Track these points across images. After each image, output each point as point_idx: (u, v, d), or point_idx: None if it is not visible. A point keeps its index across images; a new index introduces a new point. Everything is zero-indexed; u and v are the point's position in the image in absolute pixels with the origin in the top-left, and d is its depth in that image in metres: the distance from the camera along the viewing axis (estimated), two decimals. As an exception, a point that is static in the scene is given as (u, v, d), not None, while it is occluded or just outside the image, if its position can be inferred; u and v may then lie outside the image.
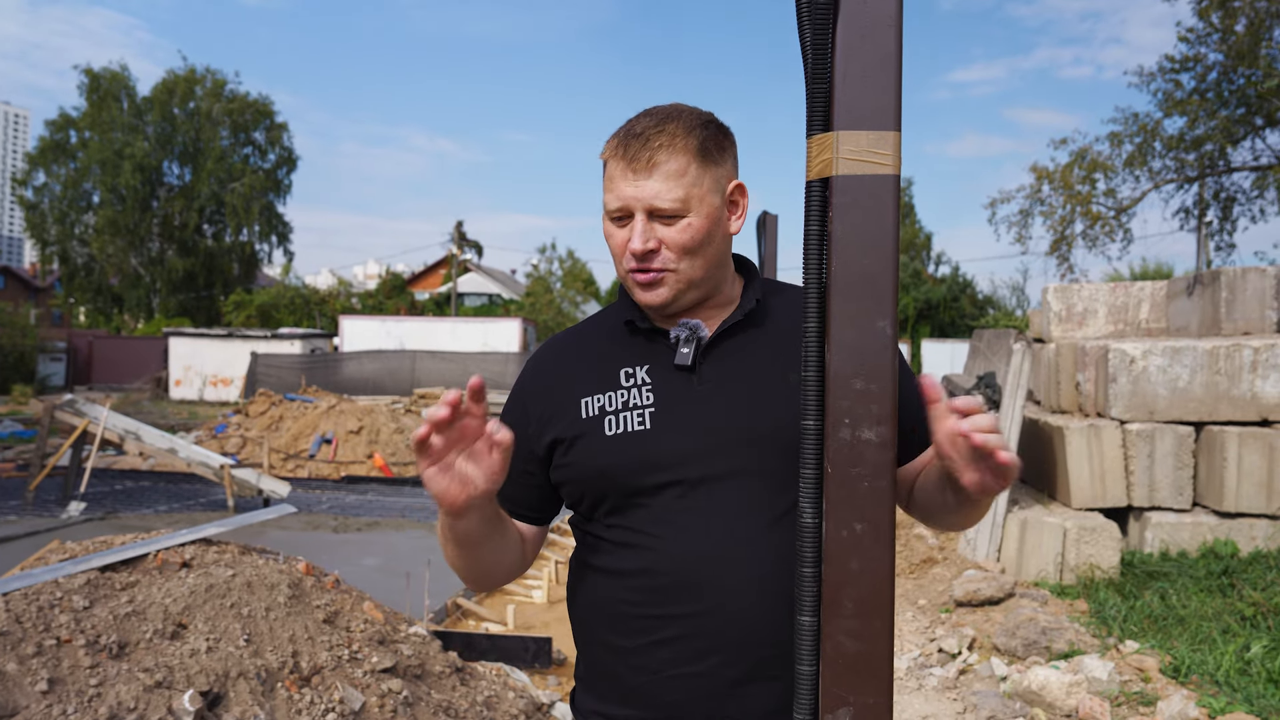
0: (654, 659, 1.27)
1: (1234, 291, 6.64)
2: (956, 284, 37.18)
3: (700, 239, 1.27)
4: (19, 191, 41.94)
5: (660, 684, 1.27)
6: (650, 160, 1.24)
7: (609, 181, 1.28)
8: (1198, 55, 19.57)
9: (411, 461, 13.46)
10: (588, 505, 1.35)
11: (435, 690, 3.68)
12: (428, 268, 51.03)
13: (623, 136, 1.28)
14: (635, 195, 1.25)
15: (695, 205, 1.26)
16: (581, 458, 1.32)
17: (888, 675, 0.99)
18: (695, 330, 1.32)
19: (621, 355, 1.36)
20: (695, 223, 1.26)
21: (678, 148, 1.25)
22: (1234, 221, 21.59)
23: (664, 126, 1.26)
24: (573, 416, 1.33)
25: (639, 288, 1.30)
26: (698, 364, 1.31)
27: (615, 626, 1.31)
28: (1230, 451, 5.73)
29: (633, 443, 1.29)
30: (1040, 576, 5.69)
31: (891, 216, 1.00)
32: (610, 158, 1.29)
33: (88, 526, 8.76)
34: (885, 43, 0.99)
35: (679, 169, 1.24)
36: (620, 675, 1.31)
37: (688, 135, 1.26)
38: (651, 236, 1.26)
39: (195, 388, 28.29)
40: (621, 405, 1.31)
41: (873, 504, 1.00)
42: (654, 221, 1.26)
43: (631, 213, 1.26)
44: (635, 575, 1.29)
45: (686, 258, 1.27)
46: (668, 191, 1.24)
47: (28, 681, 2.73)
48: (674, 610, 1.26)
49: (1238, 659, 4.24)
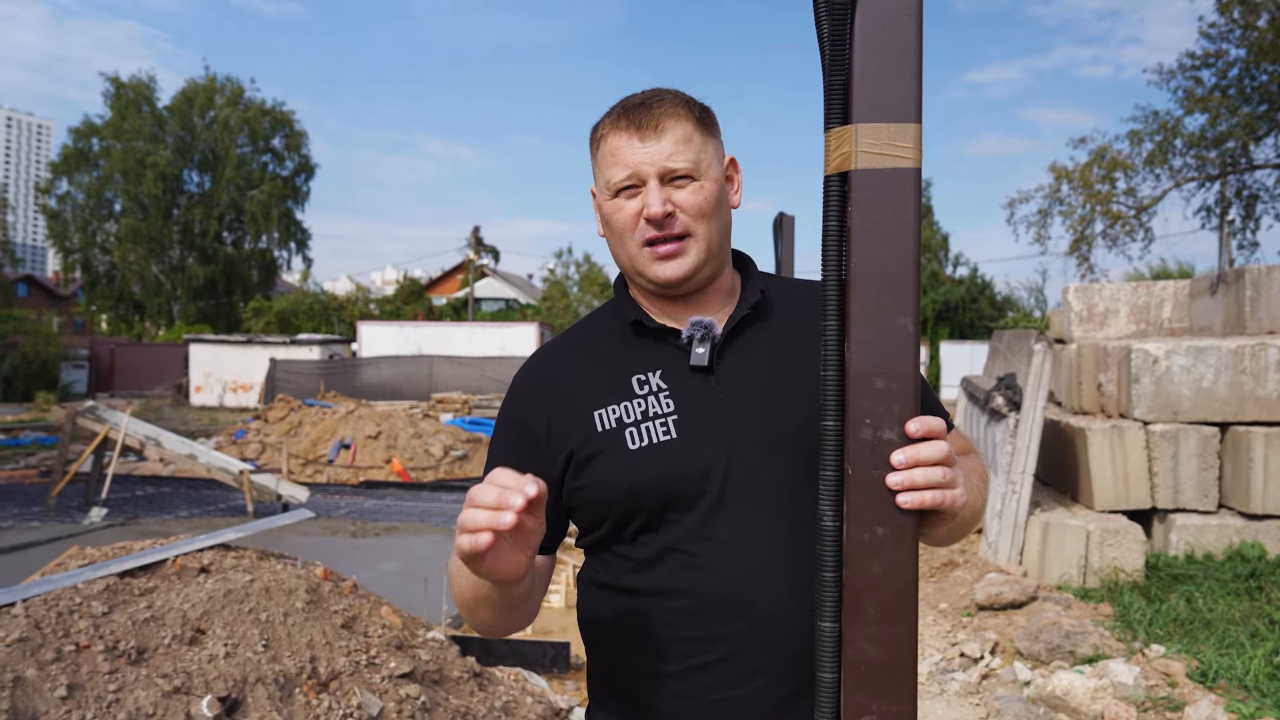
0: (697, 684, 1.19)
1: (1259, 290, 6.54)
2: (975, 285, 36.95)
3: (713, 202, 1.24)
4: (42, 200, 42.44)
5: (703, 710, 1.19)
6: (658, 125, 1.22)
7: (610, 156, 1.24)
8: (1219, 51, 19.38)
9: (429, 467, 13.49)
10: (612, 525, 1.24)
11: (453, 695, 3.66)
12: (445, 273, 51.21)
13: (622, 110, 1.25)
14: (647, 159, 1.21)
15: (705, 169, 1.23)
16: (602, 476, 1.22)
17: (912, 682, 0.97)
18: (709, 329, 1.25)
19: (629, 361, 1.28)
20: (707, 185, 1.23)
21: (680, 115, 1.23)
22: (1257, 220, 21.35)
23: (663, 97, 1.25)
24: (586, 432, 1.24)
25: (657, 262, 1.24)
26: (714, 364, 1.25)
27: (651, 651, 1.21)
28: (1256, 452, 5.64)
29: (661, 455, 1.20)
30: (1063, 580, 5.62)
31: (913, 211, 0.97)
32: (610, 132, 1.25)
33: (109, 532, 8.83)
34: (905, 33, 0.96)
35: (685, 134, 1.23)
36: (656, 704, 1.21)
37: (686, 106, 1.25)
38: (667, 199, 1.21)
39: (215, 394, 28.51)
40: (641, 415, 1.23)
41: (895, 506, 0.98)
42: (667, 186, 1.22)
43: (643, 180, 1.22)
44: (673, 595, 1.20)
45: (703, 220, 1.23)
46: (679, 153, 1.22)
47: (47, 687, 2.73)
48: (720, 630, 1.18)
49: (1266, 663, 4.17)
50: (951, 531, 1.19)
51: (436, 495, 11.88)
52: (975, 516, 1.23)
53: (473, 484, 12.90)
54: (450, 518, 10.04)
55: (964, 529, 1.21)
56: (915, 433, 0.97)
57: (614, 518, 1.23)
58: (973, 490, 1.18)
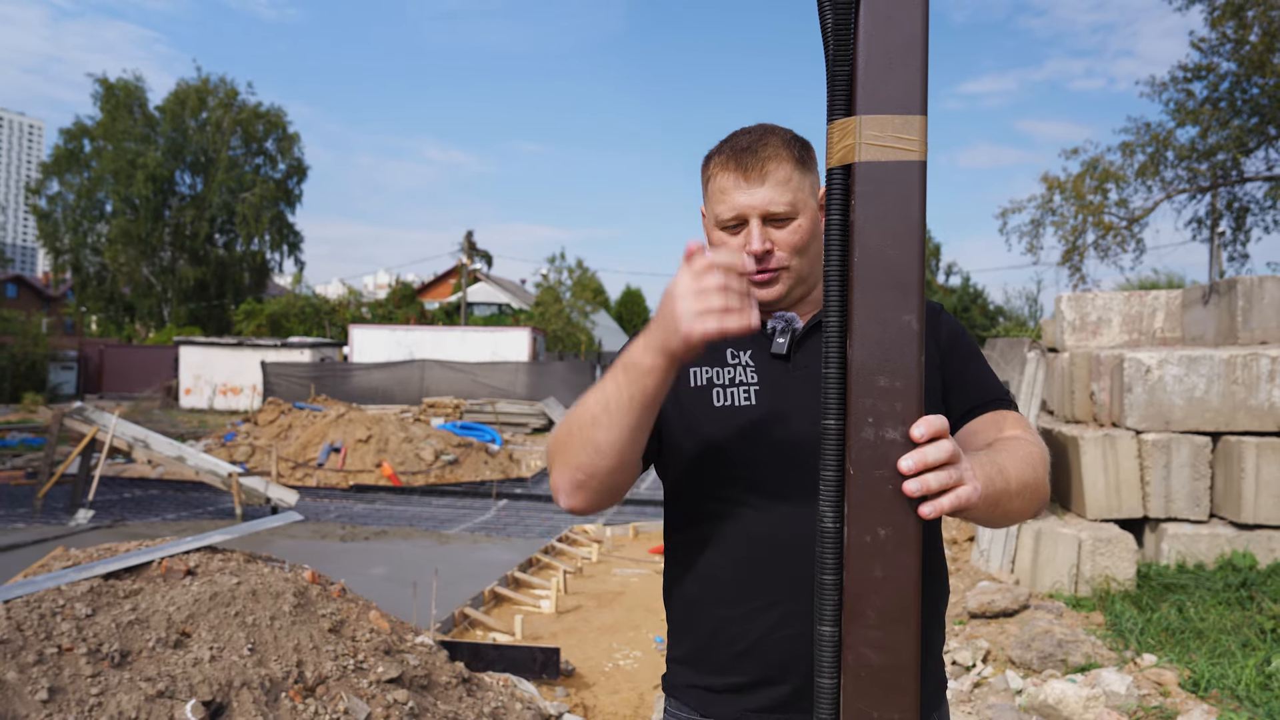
0: (758, 624, 1.34)
1: (1251, 300, 6.55)
2: (968, 294, 37.06)
3: (808, 238, 1.39)
4: (32, 200, 42.21)
5: (765, 647, 1.34)
6: (762, 170, 1.36)
7: (720, 194, 1.39)
8: (1210, 64, 19.49)
9: (419, 471, 13.42)
10: (684, 472, 1.42)
11: (441, 701, 3.62)
12: (438, 277, 51.12)
13: (730, 151, 1.39)
14: (750, 203, 1.36)
15: (801, 208, 1.38)
16: (688, 422, 1.41)
17: (914, 688, 0.94)
18: (790, 322, 1.43)
19: (726, 339, 1.40)
20: (803, 224, 1.38)
21: (783, 158, 1.37)
22: (1247, 232, 21.48)
23: (767, 140, 1.38)
24: (683, 382, 1.42)
25: (754, 288, 1.35)
26: (792, 353, 1.41)
27: (719, 595, 1.37)
28: (1248, 462, 5.64)
29: (738, 416, 1.38)
30: (1055, 588, 5.61)
31: (918, 205, 0.95)
32: (719, 171, 1.40)
33: (95, 534, 8.75)
34: (911, 23, 0.94)
35: (786, 177, 1.37)
36: (723, 642, 1.37)
37: (788, 147, 1.39)
38: (767, 239, 1.37)
39: (205, 396, 28.36)
40: (729, 380, 1.41)
41: (897, 507, 0.95)
42: (767, 225, 1.38)
43: (745, 220, 1.38)
44: (737, 543, 1.36)
45: (797, 256, 1.39)
46: (780, 197, 1.36)
47: (28, 690, 2.69)
48: (778, 578, 1.32)
49: (1258, 673, 4.15)
50: (993, 516, 1.24)
51: (427, 500, 11.82)
52: (1024, 490, 1.25)
53: (464, 488, 12.69)
54: (441, 522, 9.99)
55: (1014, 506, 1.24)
56: (921, 437, 0.97)
57: (685, 464, 1.42)
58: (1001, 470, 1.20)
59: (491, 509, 10.99)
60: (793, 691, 1.33)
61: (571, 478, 1.31)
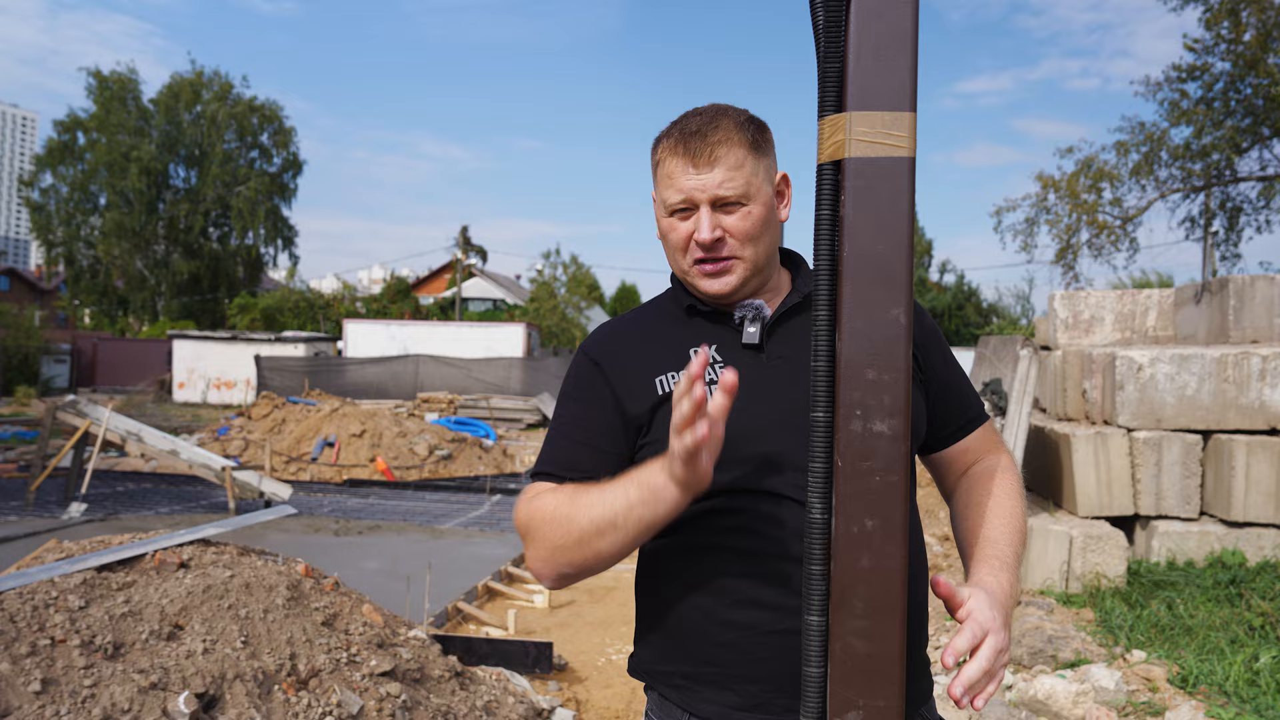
0: (737, 619, 1.30)
1: (1242, 300, 6.59)
2: (961, 292, 37.13)
3: (760, 225, 1.33)
4: (25, 193, 42.02)
5: (745, 643, 1.29)
6: (711, 155, 1.30)
7: (668, 179, 1.33)
8: (1204, 65, 19.53)
9: (413, 466, 13.42)
10: None
11: (434, 694, 3.64)
12: (432, 272, 51.05)
13: (679, 135, 1.33)
14: (699, 186, 1.30)
15: (754, 194, 1.32)
16: (663, 434, 1.30)
17: (899, 677, 0.95)
18: (759, 310, 1.36)
19: (687, 336, 1.39)
20: (755, 210, 1.32)
21: (734, 141, 1.31)
22: (1240, 231, 21.52)
23: (717, 123, 1.31)
24: (649, 394, 1.35)
25: (705, 278, 1.34)
26: (764, 342, 1.36)
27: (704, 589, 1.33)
28: (1239, 460, 5.68)
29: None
30: (1046, 585, 5.64)
31: (907, 200, 0.96)
32: (668, 156, 1.33)
33: (88, 527, 8.73)
34: (901, 20, 0.95)
35: (737, 161, 1.30)
36: (703, 638, 1.33)
37: (741, 130, 1.32)
38: (717, 225, 1.31)
39: (199, 390, 28.28)
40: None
41: (885, 499, 0.97)
42: (717, 212, 1.31)
43: (695, 205, 1.32)
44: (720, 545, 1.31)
45: (750, 244, 1.33)
46: (729, 181, 1.30)
47: (21, 682, 2.69)
48: (758, 578, 1.29)
49: (1246, 669, 4.18)
50: None
51: (420, 494, 11.82)
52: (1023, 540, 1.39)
53: (458, 483, 12.64)
54: (434, 517, 9.99)
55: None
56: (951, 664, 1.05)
57: None
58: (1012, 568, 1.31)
59: (485, 504, 10.99)
60: (774, 688, 1.30)
61: (559, 570, 1.29)
